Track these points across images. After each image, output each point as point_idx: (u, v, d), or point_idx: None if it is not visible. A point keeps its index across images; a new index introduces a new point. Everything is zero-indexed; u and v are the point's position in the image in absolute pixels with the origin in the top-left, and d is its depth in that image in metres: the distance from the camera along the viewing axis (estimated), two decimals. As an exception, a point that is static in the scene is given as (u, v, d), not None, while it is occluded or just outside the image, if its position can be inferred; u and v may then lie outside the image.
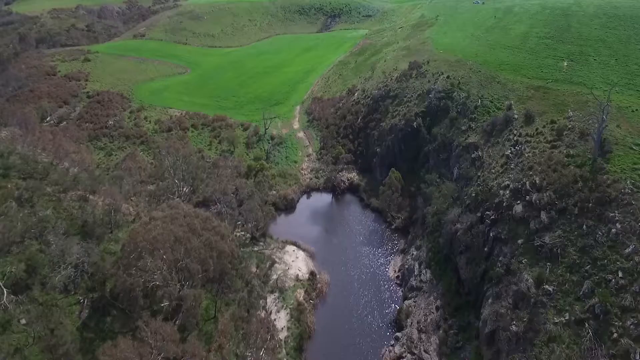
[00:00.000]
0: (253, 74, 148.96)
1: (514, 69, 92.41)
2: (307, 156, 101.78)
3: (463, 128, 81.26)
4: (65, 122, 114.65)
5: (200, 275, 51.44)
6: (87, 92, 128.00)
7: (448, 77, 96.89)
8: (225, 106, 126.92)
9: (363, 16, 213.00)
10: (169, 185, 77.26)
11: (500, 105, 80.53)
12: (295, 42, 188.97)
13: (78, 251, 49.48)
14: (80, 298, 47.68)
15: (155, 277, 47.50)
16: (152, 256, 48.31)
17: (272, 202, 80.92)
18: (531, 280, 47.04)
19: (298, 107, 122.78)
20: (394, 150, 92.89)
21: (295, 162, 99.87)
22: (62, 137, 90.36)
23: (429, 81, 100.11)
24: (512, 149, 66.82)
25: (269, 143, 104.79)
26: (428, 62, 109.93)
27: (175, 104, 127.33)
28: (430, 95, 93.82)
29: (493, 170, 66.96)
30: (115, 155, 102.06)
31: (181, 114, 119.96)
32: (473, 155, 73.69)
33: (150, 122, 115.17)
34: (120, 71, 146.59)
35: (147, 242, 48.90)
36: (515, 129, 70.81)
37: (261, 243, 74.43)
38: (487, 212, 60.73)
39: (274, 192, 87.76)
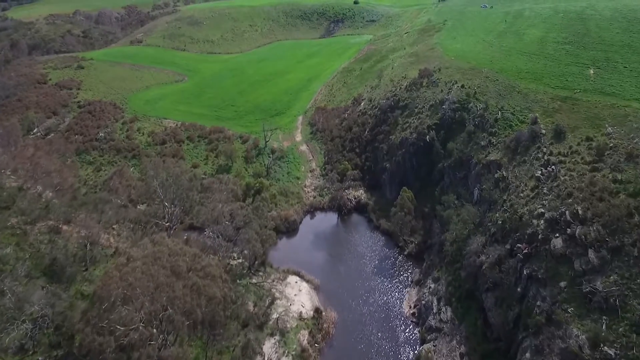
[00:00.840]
0: (253, 82, 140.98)
1: (535, 77, 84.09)
2: (311, 172, 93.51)
3: (482, 143, 72.84)
4: (53, 134, 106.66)
5: (187, 324, 43.10)
6: (78, 102, 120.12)
7: (462, 86, 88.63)
8: (223, 116, 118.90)
9: (367, 21, 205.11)
10: (157, 209, 68.96)
11: (524, 118, 72.10)
12: (297, 48, 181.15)
13: (41, 299, 41.09)
14: (40, 359, 39.30)
15: (131, 333, 39.07)
16: (128, 306, 39.92)
17: (272, 226, 72.30)
18: (584, 337, 38.49)
19: (300, 118, 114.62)
20: (405, 166, 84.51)
21: (298, 178, 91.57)
22: (46, 152, 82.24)
23: (441, 91, 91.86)
24: (543, 170, 58.33)
25: (270, 157, 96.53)
26: (439, 70, 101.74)
27: (171, 114, 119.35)
28: (443, 107, 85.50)
29: (522, 194, 58.44)
30: (105, 170, 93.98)
31: (176, 125, 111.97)
32: (496, 175, 65.15)
33: (143, 134, 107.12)
34: (115, 79, 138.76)
35: (123, 289, 40.55)
36: (545, 147, 62.34)
37: (260, 273, 66.00)
38: (519, 245, 52.22)
39: (274, 212, 79.35)
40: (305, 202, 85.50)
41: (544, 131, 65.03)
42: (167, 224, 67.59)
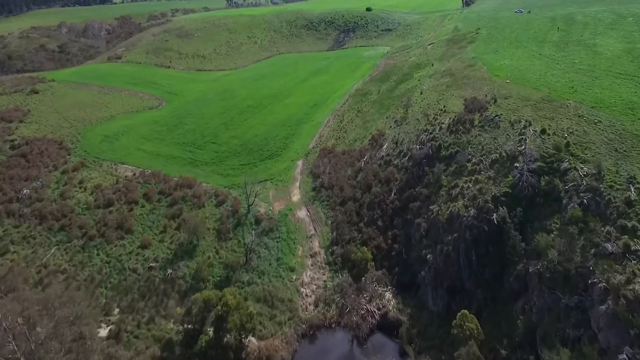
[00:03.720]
0: (244, 109, 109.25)
1: (665, 118, 51.19)
2: (312, 256, 61.04)
3: (610, 249, 39.80)
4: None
5: None
6: (13, 141, 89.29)
7: (543, 131, 55.93)
8: (199, 159, 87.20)
9: (382, 30, 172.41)
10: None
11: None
12: (301, 62, 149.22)
13: None
14: None
15: None
16: None
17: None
18: None
19: (300, 163, 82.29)
20: (458, 261, 51.74)
21: (292, 270, 59.09)
22: None
23: (507, 136, 59.06)
24: None
25: (252, 232, 64.33)
26: (495, 101, 68.95)
27: (132, 156, 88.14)
28: (517, 166, 52.63)
29: None
30: (10, 255, 62.43)
31: (134, 174, 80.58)
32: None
33: (85, 189, 75.80)
34: (74, 106, 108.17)
35: None
36: None
37: None
38: None
39: (250, 346, 47.04)
40: (302, 316, 52.97)
41: None
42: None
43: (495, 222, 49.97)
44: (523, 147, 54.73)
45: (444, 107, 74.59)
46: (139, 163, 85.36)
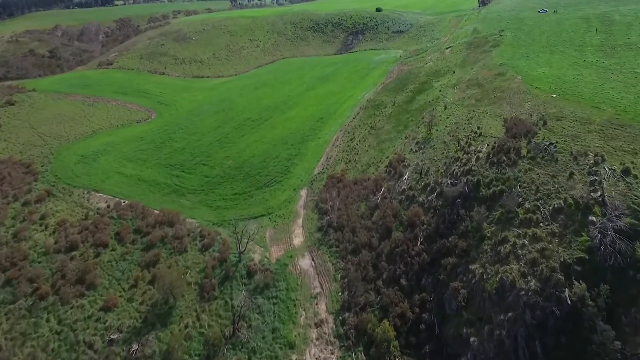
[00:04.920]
0: (241, 122, 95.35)
1: None
2: (317, 326, 46.80)
3: None
4: None
5: None
6: (-27, 164, 76.09)
7: (627, 171, 41.24)
8: (186, 186, 73.37)
9: (393, 32, 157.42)
10: None
11: None
12: (306, 68, 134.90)
13: None
14: None
15: None
16: None
17: None
18: None
19: (304, 193, 68.09)
20: (515, 352, 37.23)
21: (291, 346, 44.86)
22: None
23: (571, 174, 44.30)
24: None
25: (244, 287, 50.37)
26: (544, 123, 54.39)
27: (109, 181, 74.63)
28: (596, 223, 38.00)
29: None
30: (-60, 321, 49.00)
31: (108, 205, 66.98)
32: None
33: (47, 227, 62.26)
34: (51, 120, 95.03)
35: None
36: None
37: None
38: None
39: None
40: (304, 421, 38.91)
41: None
42: None
43: (569, 301, 35.50)
44: (599, 193, 40.12)
45: (477, 128, 59.93)
46: (116, 191, 71.75)
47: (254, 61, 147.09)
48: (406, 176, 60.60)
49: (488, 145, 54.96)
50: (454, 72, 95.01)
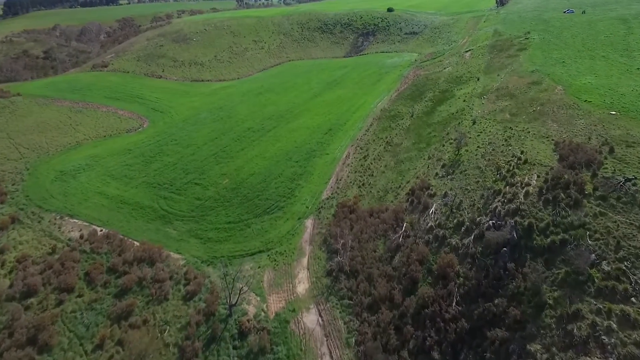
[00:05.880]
0: (242, 133, 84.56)
1: None
2: (325, 414, 35.83)
3: None
4: None
5: None
6: None
7: None
8: (173, 211, 62.63)
9: (406, 34, 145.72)
10: None
11: None
12: (313, 71, 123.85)
13: None
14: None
15: None
16: None
17: None
18: None
19: (309, 224, 57.00)
20: None
21: None
22: None
23: (663, 225, 32.82)
24: None
25: (234, 351, 39.66)
26: (610, 150, 42.81)
27: (87, 204, 64.13)
28: None
29: None
30: None
31: (82, 235, 56.47)
32: None
33: (3, 265, 51.72)
34: (33, 129, 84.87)
35: None
36: None
37: None
38: None
39: None
40: None
41: None
42: None
43: None
44: None
45: (521, 153, 48.45)
46: (93, 216, 61.21)
47: (258, 64, 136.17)
48: (433, 209, 49.26)
49: (538, 176, 43.51)
50: (478, 79, 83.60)
